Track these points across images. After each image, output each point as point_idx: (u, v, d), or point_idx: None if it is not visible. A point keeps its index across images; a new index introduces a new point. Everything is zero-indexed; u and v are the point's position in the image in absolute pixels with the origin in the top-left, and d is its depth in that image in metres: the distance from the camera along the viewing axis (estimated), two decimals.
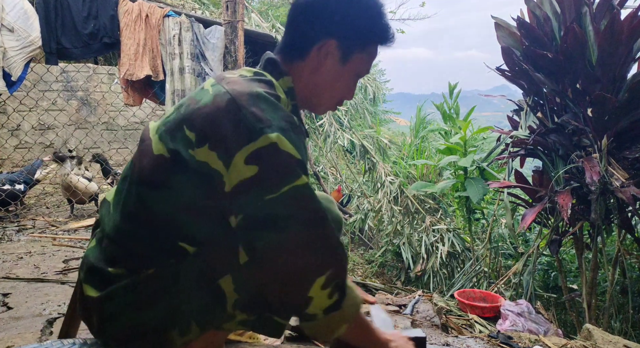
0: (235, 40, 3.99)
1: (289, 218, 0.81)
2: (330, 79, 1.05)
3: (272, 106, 0.87)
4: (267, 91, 0.90)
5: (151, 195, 0.91)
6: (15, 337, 1.54)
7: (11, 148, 5.59)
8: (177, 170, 0.89)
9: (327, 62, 1.03)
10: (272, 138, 0.82)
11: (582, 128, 2.55)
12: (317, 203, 0.85)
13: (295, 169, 0.83)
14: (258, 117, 0.83)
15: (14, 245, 3.03)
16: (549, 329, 2.08)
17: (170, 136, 0.90)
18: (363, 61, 1.06)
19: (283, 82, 1.01)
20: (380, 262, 4.55)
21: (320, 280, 0.82)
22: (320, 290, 0.82)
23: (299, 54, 1.03)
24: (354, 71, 1.06)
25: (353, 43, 1.03)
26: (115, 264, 0.94)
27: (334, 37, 1.01)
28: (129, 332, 0.91)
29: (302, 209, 0.82)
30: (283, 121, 0.86)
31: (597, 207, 2.36)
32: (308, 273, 0.82)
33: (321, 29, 1.01)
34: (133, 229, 0.93)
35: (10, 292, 2.04)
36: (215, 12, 6.76)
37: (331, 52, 1.02)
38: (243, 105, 0.85)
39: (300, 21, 1.04)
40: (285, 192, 0.81)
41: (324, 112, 1.13)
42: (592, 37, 2.51)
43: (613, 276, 2.50)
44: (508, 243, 3.69)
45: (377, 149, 5.89)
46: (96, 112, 6.61)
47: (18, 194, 3.83)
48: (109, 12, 3.61)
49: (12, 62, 3.26)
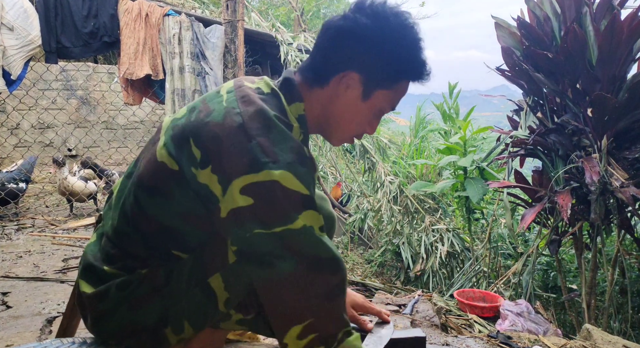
0: (235, 40, 3.98)
1: (277, 257, 0.78)
2: (347, 112, 0.97)
3: (282, 137, 0.83)
4: (280, 117, 0.86)
5: (148, 201, 0.91)
6: (14, 336, 1.54)
7: (10, 147, 5.58)
8: (177, 183, 0.88)
9: (347, 95, 0.95)
10: (275, 175, 0.79)
11: (582, 128, 2.55)
12: (315, 247, 0.80)
13: (296, 208, 0.80)
14: (265, 150, 0.80)
15: (13, 243, 3.03)
16: (549, 329, 2.09)
17: (176, 145, 0.88)
18: (389, 98, 0.97)
19: (295, 108, 0.95)
20: (379, 262, 4.55)
21: (296, 328, 0.78)
22: (295, 340, 0.79)
23: (319, 81, 0.96)
24: (377, 107, 0.98)
25: (379, 80, 0.94)
26: (110, 263, 0.95)
27: (358, 70, 0.93)
28: (122, 330, 0.93)
29: (292, 252, 0.79)
30: (292, 153, 0.82)
31: (596, 207, 2.36)
32: (284, 317, 0.79)
33: (346, 58, 0.93)
34: (129, 231, 0.94)
35: (10, 291, 2.04)
36: (215, 11, 6.76)
37: (352, 85, 0.94)
38: (252, 135, 0.81)
39: (327, 45, 0.95)
40: (277, 232, 0.78)
41: (338, 144, 1.05)
42: (592, 37, 2.51)
43: (612, 277, 2.50)
44: (507, 243, 3.69)
45: (377, 148, 5.88)
46: (96, 111, 6.61)
47: (19, 193, 3.83)
48: (109, 11, 3.61)
49: (11, 60, 3.25)
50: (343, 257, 4.47)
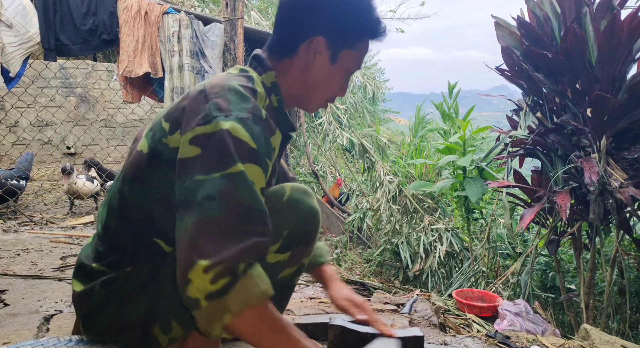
0: (235, 38, 3.98)
1: (209, 199, 0.78)
2: (320, 77, 1.04)
3: (240, 98, 0.87)
4: (243, 84, 0.91)
5: (129, 190, 0.94)
6: (11, 334, 1.53)
7: (9, 145, 5.57)
8: (152, 164, 0.92)
9: (317, 62, 1.02)
10: (224, 125, 0.81)
11: (581, 128, 2.55)
12: (244, 195, 0.80)
13: (241, 157, 0.80)
14: (219, 106, 0.84)
15: (11, 241, 3.02)
16: (547, 329, 2.08)
17: (152, 131, 0.94)
18: (353, 57, 1.04)
19: (266, 77, 1.01)
20: (378, 261, 4.55)
21: (203, 262, 0.74)
22: (201, 274, 0.74)
23: (287, 52, 1.02)
24: (345, 68, 1.05)
25: (342, 40, 1.01)
26: (99, 260, 0.97)
27: (322, 34, 1.00)
28: (109, 327, 0.94)
29: (225, 196, 0.78)
30: (246, 112, 0.85)
31: (595, 207, 2.36)
32: (194, 252, 0.76)
33: (308, 26, 1.00)
34: (116, 226, 0.96)
35: (7, 289, 2.04)
36: (214, 9, 6.75)
37: (320, 51, 1.01)
38: (211, 96, 0.86)
39: (287, 19, 1.03)
40: (216, 177, 0.79)
41: (315, 109, 1.12)
42: (592, 37, 2.50)
43: (611, 277, 2.50)
44: (506, 243, 3.69)
45: (376, 148, 5.89)
46: (95, 109, 6.59)
47: (17, 191, 3.82)
48: (108, 9, 3.60)
49: (10, 58, 3.25)
50: (342, 256, 4.45)
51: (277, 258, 1.03)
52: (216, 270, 0.74)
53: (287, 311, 1.84)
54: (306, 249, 1.09)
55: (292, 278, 1.11)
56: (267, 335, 0.81)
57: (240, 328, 0.79)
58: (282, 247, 1.02)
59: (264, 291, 0.80)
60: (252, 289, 0.78)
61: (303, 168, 5.89)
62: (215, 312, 0.76)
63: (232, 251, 0.76)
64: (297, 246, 1.05)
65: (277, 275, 1.06)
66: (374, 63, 12.32)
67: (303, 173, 5.80)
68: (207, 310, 0.76)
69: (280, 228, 1.01)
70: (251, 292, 0.78)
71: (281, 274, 1.06)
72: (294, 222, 1.03)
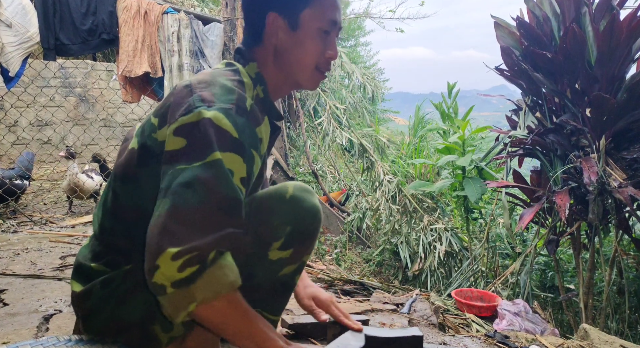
0: (234, 38, 3.98)
1: (187, 186, 0.77)
2: (293, 49, 1.02)
3: (225, 91, 0.88)
4: (229, 78, 0.92)
5: (122, 189, 0.95)
6: (10, 333, 1.53)
7: (8, 144, 5.57)
8: (143, 162, 0.92)
9: (280, 36, 1.01)
10: (206, 114, 0.82)
11: (580, 128, 2.55)
12: (220, 183, 0.79)
13: (222, 146, 0.80)
14: (203, 98, 0.85)
15: (10, 241, 3.02)
16: (546, 329, 2.09)
17: (142, 129, 0.95)
18: (317, 14, 1.01)
19: (250, 68, 1.02)
20: (377, 261, 4.55)
21: (172, 249, 0.74)
22: (169, 261, 0.74)
23: (256, 41, 1.04)
24: (314, 29, 1.01)
25: (291, 5, 1.00)
26: (97, 260, 0.97)
27: (272, 10, 1.00)
28: (110, 326, 0.94)
29: (198, 183, 0.77)
30: (229, 104, 0.86)
31: (594, 207, 2.36)
32: (164, 239, 0.75)
33: (258, 10, 1.02)
34: (112, 225, 0.97)
35: (7, 288, 2.04)
36: (214, 9, 6.75)
37: (279, 25, 1.00)
38: (195, 90, 0.87)
39: (245, 11, 1.07)
40: (197, 165, 0.79)
41: (312, 84, 1.07)
42: (591, 37, 2.50)
43: (610, 277, 2.50)
44: (505, 243, 3.69)
45: (376, 148, 5.88)
46: (94, 108, 6.59)
47: (18, 190, 3.81)
48: (108, 9, 3.60)
49: (9, 57, 3.24)
50: (341, 256, 4.45)
51: (279, 255, 1.03)
52: (185, 258, 0.74)
53: (287, 310, 1.84)
54: (308, 247, 1.10)
55: (293, 276, 1.11)
56: (234, 325, 0.81)
57: (207, 317, 0.79)
58: (285, 244, 1.03)
59: (232, 282, 0.79)
60: (220, 279, 0.77)
61: (302, 167, 5.89)
62: (180, 300, 0.76)
63: (203, 239, 0.75)
64: (299, 243, 1.06)
65: (278, 273, 1.06)
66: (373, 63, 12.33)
67: (302, 173, 5.80)
68: (173, 297, 0.76)
69: (283, 225, 1.01)
70: (219, 282, 0.77)
71: (282, 271, 1.06)
72: (296, 220, 1.03)
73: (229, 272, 0.79)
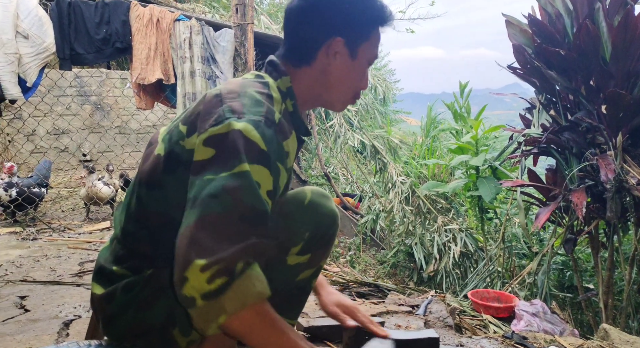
0: (245, 43, 4.01)
1: (213, 197, 0.77)
2: (343, 75, 1.04)
3: (254, 103, 0.88)
4: (258, 90, 0.92)
5: (147, 196, 0.95)
6: (32, 339, 1.57)
7: (27, 153, 5.68)
8: (170, 169, 0.92)
9: (338, 61, 1.02)
10: (236, 125, 0.82)
11: (596, 126, 2.52)
12: (247, 195, 0.79)
13: (250, 158, 0.80)
14: (233, 109, 0.85)
15: (30, 248, 3.08)
16: (565, 329, 2.06)
17: (169, 135, 0.95)
18: (370, 48, 1.06)
19: (282, 82, 1.01)
20: (392, 263, 4.53)
21: (200, 261, 0.73)
22: (198, 272, 0.73)
23: (305, 59, 1.03)
24: (365, 60, 1.06)
25: (357, 35, 1.02)
26: (120, 263, 0.98)
27: (338, 35, 1.00)
28: (130, 331, 0.95)
29: (225, 194, 0.77)
30: (259, 116, 0.86)
31: (612, 205, 2.32)
32: (192, 251, 0.75)
33: (321, 31, 1.01)
34: (135, 230, 0.97)
35: (28, 295, 2.08)
36: (225, 15, 6.81)
37: (339, 50, 1.01)
38: (225, 100, 0.88)
39: (297, 27, 1.04)
40: (224, 176, 0.78)
41: (342, 107, 1.11)
42: (605, 33, 2.47)
43: (630, 275, 2.46)
44: (522, 243, 3.64)
45: (388, 149, 5.87)
46: (109, 116, 6.70)
47: (36, 198, 3.89)
48: (121, 18, 3.66)
49: (27, 68, 3.32)
50: (355, 258, 4.43)
51: (297, 260, 1.04)
52: (213, 270, 0.74)
53: (302, 313, 1.84)
54: (325, 252, 1.10)
55: (310, 281, 1.12)
56: (263, 335, 0.80)
57: (236, 328, 0.78)
58: (303, 249, 1.04)
59: (261, 292, 0.79)
60: (249, 290, 0.77)
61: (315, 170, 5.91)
62: (210, 312, 0.75)
63: (230, 250, 0.75)
64: (317, 248, 1.06)
65: (296, 277, 1.07)
66: (384, 64, 12.29)
67: (315, 176, 5.82)
68: (203, 309, 0.75)
69: (301, 231, 1.02)
70: (248, 293, 0.77)
71: (300, 276, 1.07)
72: (315, 225, 1.04)
73: (257, 282, 0.79)
